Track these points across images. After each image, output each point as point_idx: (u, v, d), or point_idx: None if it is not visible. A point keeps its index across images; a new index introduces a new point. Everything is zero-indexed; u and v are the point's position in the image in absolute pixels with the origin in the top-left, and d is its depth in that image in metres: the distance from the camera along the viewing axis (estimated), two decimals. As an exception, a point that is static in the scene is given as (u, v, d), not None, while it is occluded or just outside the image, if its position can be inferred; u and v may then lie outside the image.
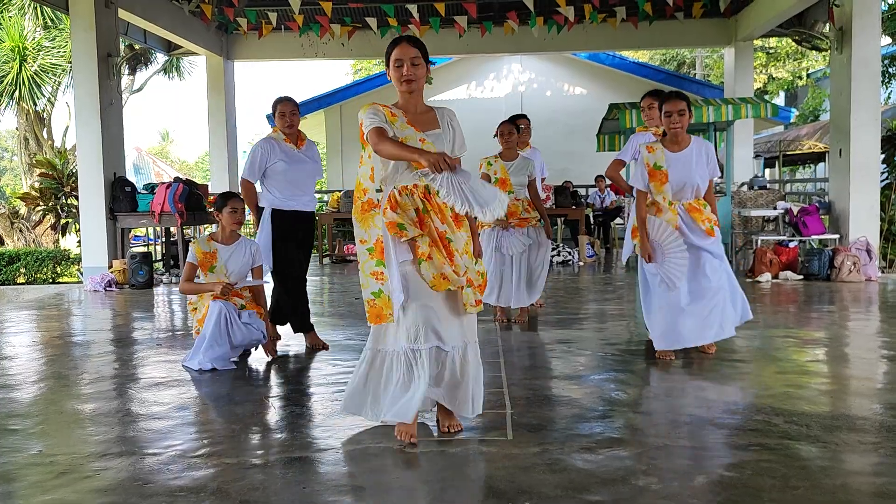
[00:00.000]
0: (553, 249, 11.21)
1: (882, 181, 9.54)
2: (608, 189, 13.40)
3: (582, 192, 14.19)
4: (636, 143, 4.99)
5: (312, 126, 18.27)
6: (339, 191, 13.27)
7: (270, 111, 5.11)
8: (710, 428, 3.20)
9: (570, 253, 11.07)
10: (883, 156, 9.64)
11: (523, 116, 6.45)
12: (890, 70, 19.38)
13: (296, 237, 4.98)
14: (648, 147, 4.56)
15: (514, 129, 5.73)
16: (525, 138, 6.40)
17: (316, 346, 5.05)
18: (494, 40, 12.63)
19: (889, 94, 21.59)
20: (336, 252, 12.01)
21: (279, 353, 4.90)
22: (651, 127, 5.28)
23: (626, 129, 10.29)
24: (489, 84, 16.95)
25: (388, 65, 3.22)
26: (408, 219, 3.06)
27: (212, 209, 5.11)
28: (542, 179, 6.56)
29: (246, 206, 4.94)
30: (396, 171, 3.10)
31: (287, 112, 4.94)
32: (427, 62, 3.21)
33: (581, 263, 10.87)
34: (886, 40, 18.10)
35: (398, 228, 3.04)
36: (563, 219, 12.30)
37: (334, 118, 16.79)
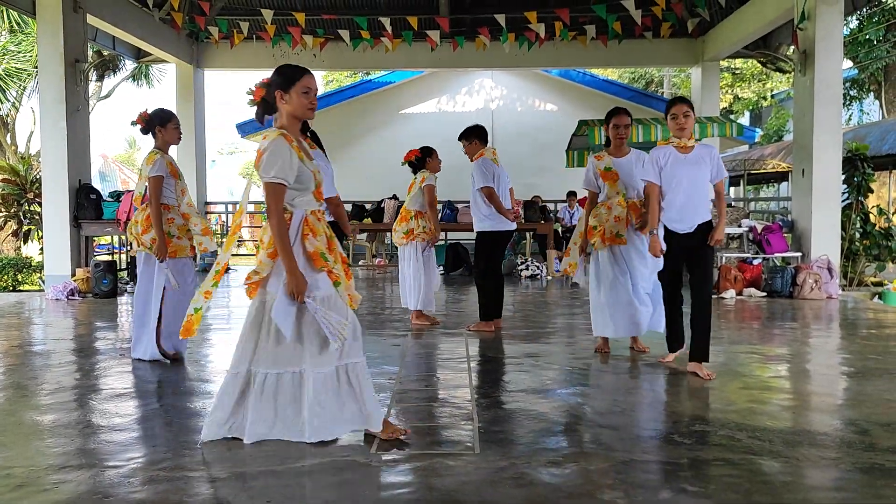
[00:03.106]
0: (521, 264, 11.27)
1: (843, 201, 9.74)
2: (577, 205, 13.51)
3: (551, 207, 14.29)
4: (655, 156, 4.56)
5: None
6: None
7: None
8: (674, 442, 3.23)
9: (538, 267, 11.12)
10: (844, 176, 9.85)
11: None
12: (851, 93, 19.92)
13: None
14: (597, 156, 5.20)
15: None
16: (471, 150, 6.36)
17: None
18: (466, 55, 12.70)
19: (850, 115, 22.15)
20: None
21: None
22: (676, 138, 4.53)
23: (594, 146, 10.42)
24: (461, 98, 17.03)
25: (286, 87, 3.15)
26: (324, 246, 3.15)
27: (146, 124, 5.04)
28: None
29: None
30: (307, 195, 3.17)
31: None
32: None
33: (549, 278, 10.93)
34: (848, 64, 18.59)
35: (322, 259, 3.13)
36: (531, 233, 12.37)
37: (304, 129, 16.74)
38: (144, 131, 5.04)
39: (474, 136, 6.24)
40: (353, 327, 3.21)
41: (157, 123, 4.99)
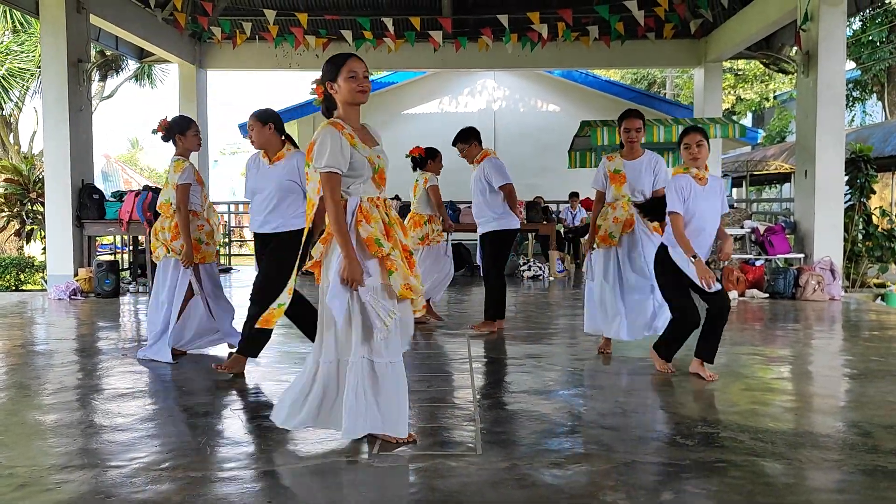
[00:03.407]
0: (523, 264, 11.26)
1: (846, 202, 9.73)
2: (579, 206, 13.51)
3: (553, 207, 14.28)
4: (679, 185, 4.40)
5: (285, 137, 18.15)
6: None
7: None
8: (676, 444, 3.23)
9: (540, 268, 11.12)
10: (846, 177, 9.83)
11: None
12: (854, 94, 19.91)
13: (260, 261, 4.68)
14: (609, 157, 5.19)
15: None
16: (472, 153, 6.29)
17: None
18: (469, 55, 12.69)
19: (853, 117, 22.13)
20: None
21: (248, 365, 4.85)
22: (693, 168, 4.42)
23: (597, 146, 10.40)
24: (463, 99, 17.02)
25: (333, 78, 3.19)
26: (379, 232, 3.11)
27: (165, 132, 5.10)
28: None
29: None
30: (363, 181, 3.16)
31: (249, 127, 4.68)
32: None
33: (551, 278, 10.93)
34: (851, 65, 18.57)
35: (376, 245, 3.09)
36: (533, 234, 12.36)
37: (307, 129, 16.69)
38: (165, 139, 5.08)
39: (473, 139, 6.21)
40: (401, 325, 3.19)
41: (177, 131, 5.05)
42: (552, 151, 15.41)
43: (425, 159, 6.43)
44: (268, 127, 4.58)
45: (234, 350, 5.03)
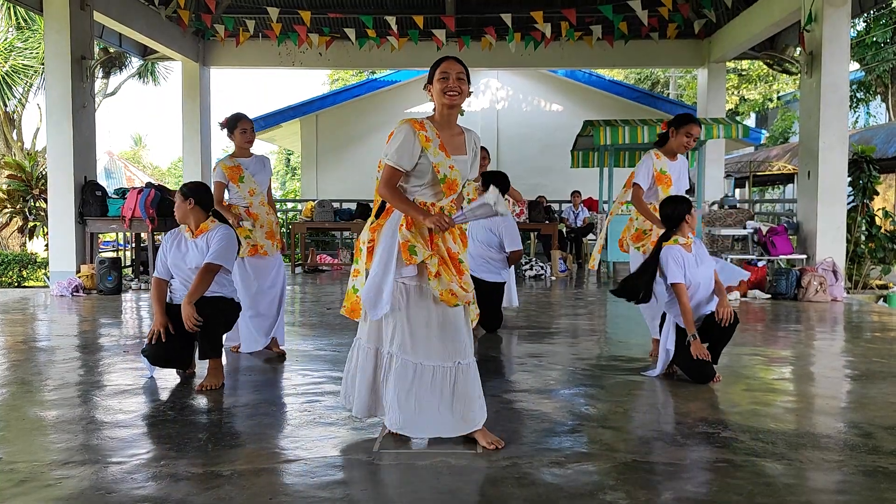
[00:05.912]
0: (525, 264, 11.26)
1: (848, 203, 9.71)
2: (581, 205, 13.51)
3: (555, 207, 14.28)
4: (674, 255, 4.38)
5: (288, 135, 18.18)
6: (313, 200, 13.21)
7: None
8: (677, 444, 3.23)
9: (542, 267, 11.12)
10: (850, 178, 9.81)
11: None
12: (857, 95, 19.88)
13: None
14: (656, 154, 4.99)
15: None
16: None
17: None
18: (472, 54, 12.68)
19: (856, 118, 22.10)
20: (308, 262, 11.95)
21: (249, 364, 4.85)
22: (681, 237, 4.44)
23: (600, 146, 10.39)
24: (466, 98, 17.02)
25: (431, 80, 3.16)
26: (420, 239, 3.09)
27: (223, 130, 5.29)
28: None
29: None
30: (422, 186, 3.13)
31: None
32: (469, 84, 3.18)
33: (553, 278, 10.92)
34: (854, 66, 18.55)
35: (409, 253, 3.06)
36: (536, 233, 12.35)
37: (310, 127, 16.71)
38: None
39: None
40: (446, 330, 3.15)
41: (228, 130, 5.27)
42: (555, 151, 15.42)
43: None
44: (188, 202, 4.46)
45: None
